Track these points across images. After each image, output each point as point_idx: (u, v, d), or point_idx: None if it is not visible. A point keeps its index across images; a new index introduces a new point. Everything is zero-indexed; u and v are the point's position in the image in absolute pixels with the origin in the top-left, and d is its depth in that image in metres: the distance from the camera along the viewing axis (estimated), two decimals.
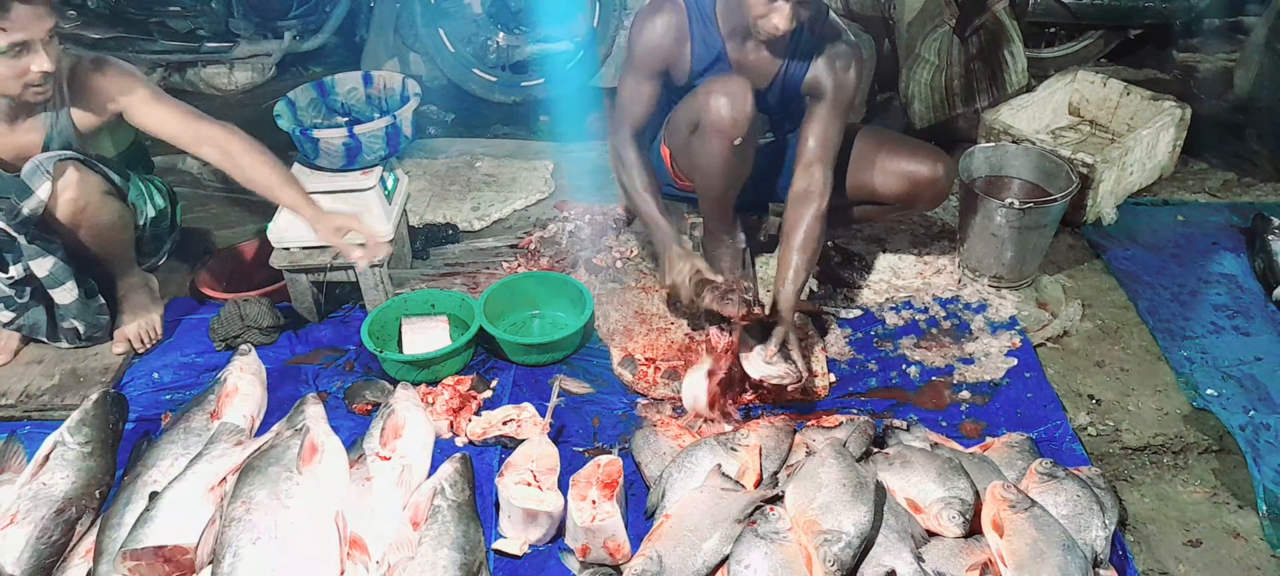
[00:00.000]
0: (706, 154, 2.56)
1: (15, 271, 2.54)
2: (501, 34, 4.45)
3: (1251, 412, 2.49)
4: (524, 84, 4.51)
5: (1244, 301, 2.94)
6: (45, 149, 2.53)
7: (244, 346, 2.60)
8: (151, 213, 2.81)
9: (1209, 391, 2.57)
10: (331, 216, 2.63)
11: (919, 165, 2.75)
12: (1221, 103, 4.13)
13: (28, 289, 2.61)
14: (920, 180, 2.75)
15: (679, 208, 2.91)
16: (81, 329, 2.72)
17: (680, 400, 2.55)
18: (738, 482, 2.10)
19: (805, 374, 2.45)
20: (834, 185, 2.65)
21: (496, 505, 2.18)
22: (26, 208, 2.46)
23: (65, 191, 2.48)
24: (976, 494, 2.03)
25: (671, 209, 2.76)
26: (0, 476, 2.23)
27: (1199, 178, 3.65)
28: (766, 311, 2.54)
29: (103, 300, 2.77)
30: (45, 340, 2.74)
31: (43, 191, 2.45)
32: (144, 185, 2.81)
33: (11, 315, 2.64)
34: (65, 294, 2.63)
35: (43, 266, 2.56)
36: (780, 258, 2.60)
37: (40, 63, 2.33)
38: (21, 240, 2.49)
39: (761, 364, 2.43)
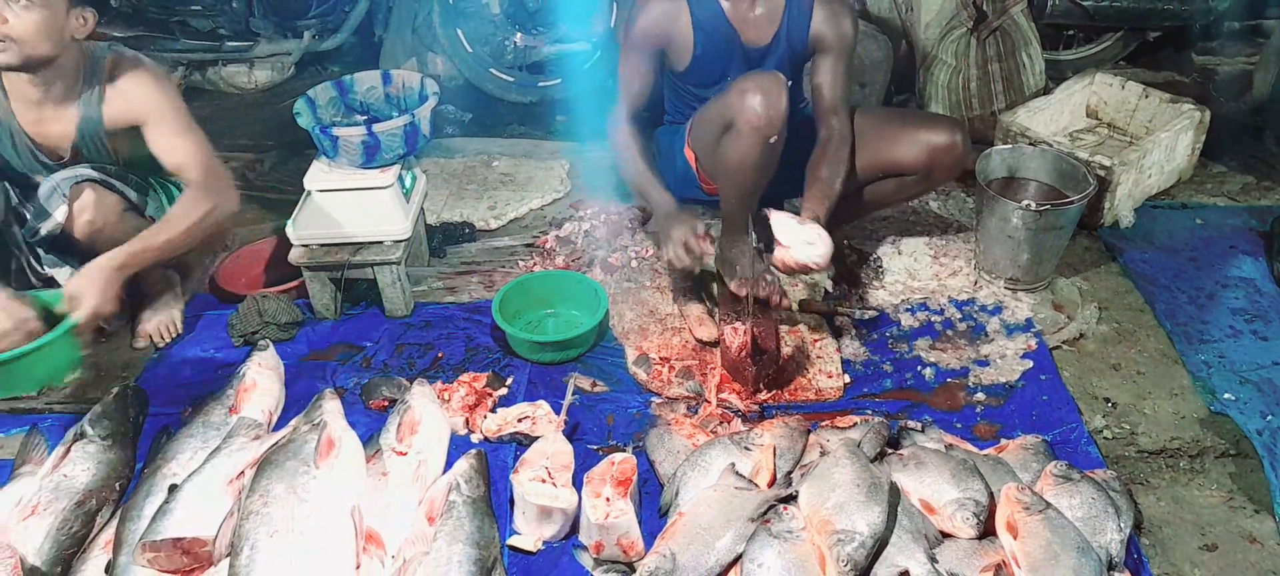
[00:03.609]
0: (738, 152, 2.56)
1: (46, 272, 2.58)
2: (519, 34, 4.46)
3: (1269, 417, 2.47)
4: (541, 84, 4.52)
5: (1262, 305, 2.92)
6: (78, 141, 2.53)
7: (262, 342, 2.63)
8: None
9: (1226, 395, 2.56)
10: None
11: (936, 133, 2.75)
12: (1240, 105, 4.10)
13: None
14: (938, 147, 2.74)
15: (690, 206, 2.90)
16: (105, 327, 2.75)
17: (694, 399, 2.56)
18: (751, 482, 2.10)
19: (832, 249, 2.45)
20: (850, 168, 2.72)
21: (511, 501, 2.19)
22: (44, 229, 2.49)
23: (82, 214, 2.52)
24: (990, 495, 2.03)
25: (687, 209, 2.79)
26: (22, 468, 2.27)
27: (1218, 181, 3.62)
28: (787, 302, 2.54)
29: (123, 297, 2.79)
30: None
31: (59, 214, 2.48)
32: (163, 193, 2.82)
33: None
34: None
35: (62, 276, 2.59)
36: (809, 178, 2.65)
37: None
38: (40, 252, 2.52)
39: (794, 226, 2.41)
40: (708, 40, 2.67)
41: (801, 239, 2.41)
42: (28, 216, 2.57)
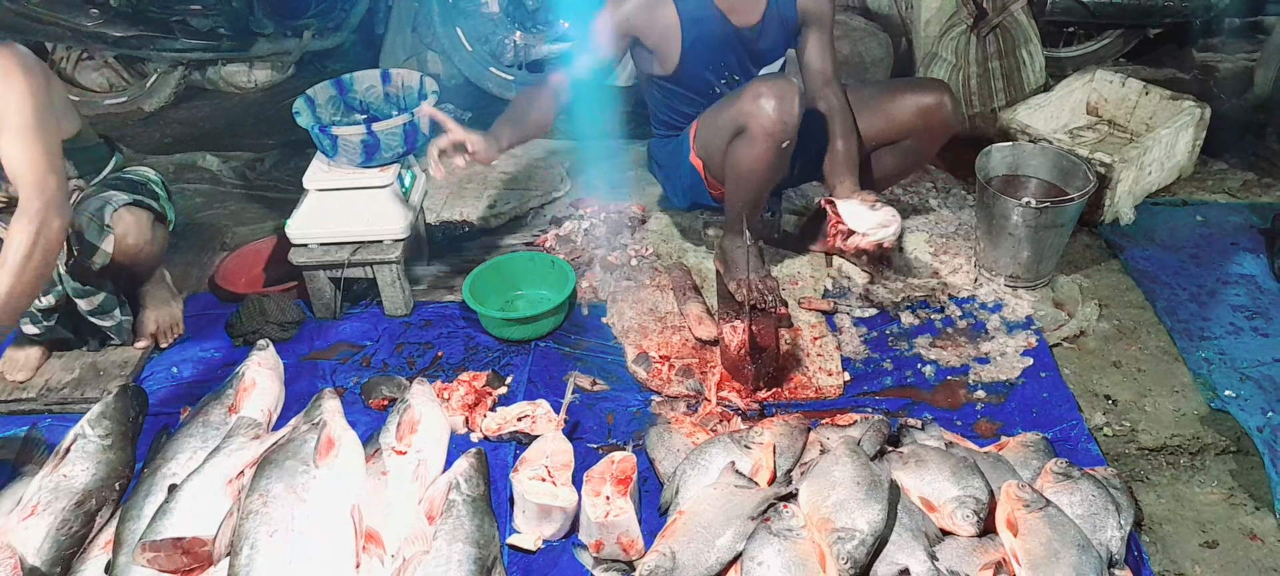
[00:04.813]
0: (751, 158, 2.57)
1: (46, 300, 2.54)
2: (519, 33, 4.46)
3: (1269, 414, 2.47)
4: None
5: (1263, 302, 2.91)
6: None
7: (262, 341, 2.62)
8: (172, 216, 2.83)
9: (1227, 392, 2.56)
10: None
11: (923, 95, 2.82)
12: (1241, 102, 4.09)
13: (56, 315, 2.62)
14: (927, 108, 2.80)
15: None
16: (115, 339, 2.75)
17: (694, 397, 2.56)
18: (751, 480, 2.10)
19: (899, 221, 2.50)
20: (859, 134, 2.79)
21: (511, 500, 2.19)
22: (98, 263, 2.49)
23: (126, 238, 2.52)
24: (991, 493, 2.02)
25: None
26: (22, 468, 2.27)
27: (1218, 178, 3.62)
28: (785, 309, 2.55)
29: (126, 300, 2.78)
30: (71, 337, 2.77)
31: (108, 244, 2.48)
32: (163, 193, 2.81)
33: (37, 331, 2.64)
34: (111, 320, 2.68)
35: (92, 302, 2.59)
36: (829, 155, 2.71)
37: None
38: (72, 285, 2.52)
39: (865, 212, 2.46)
40: (698, 30, 2.68)
41: (876, 222, 2.46)
42: None
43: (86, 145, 2.63)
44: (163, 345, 2.83)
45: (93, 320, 2.66)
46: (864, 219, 2.45)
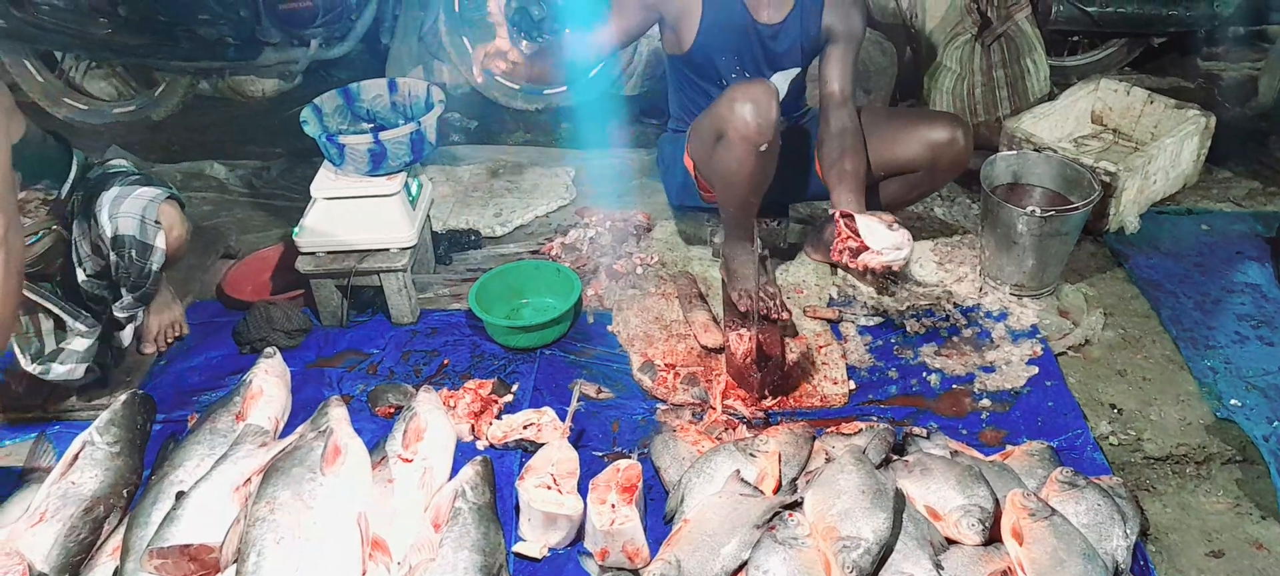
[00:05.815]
0: (731, 161, 2.58)
1: (82, 344, 2.53)
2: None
3: (1275, 423, 2.47)
4: (546, 92, 4.53)
5: (1269, 311, 2.91)
6: None
7: (269, 349, 2.63)
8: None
9: (1232, 401, 2.55)
10: None
11: (937, 130, 2.79)
12: (1246, 111, 4.10)
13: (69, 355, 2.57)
14: (939, 143, 2.78)
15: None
16: (129, 342, 2.75)
17: (699, 406, 2.56)
18: (757, 488, 2.10)
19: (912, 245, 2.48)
20: (867, 157, 2.77)
21: (516, 508, 2.19)
22: (154, 264, 2.50)
23: (173, 231, 2.54)
24: (996, 502, 2.02)
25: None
26: (30, 475, 2.27)
27: (1223, 186, 3.62)
28: (788, 315, 2.55)
29: None
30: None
31: (161, 242, 2.49)
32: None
33: (41, 368, 2.53)
34: (139, 317, 2.70)
35: (125, 312, 2.61)
36: (837, 174, 2.67)
37: None
38: (128, 300, 2.54)
39: (882, 231, 2.44)
40: (717, 13, 2.69)
41: (891, 243, 2.43)
42: (85, 261, 2.49)
43: (40, 148, 2.44)
44: (161, 347, 2.83)
45: (127, 320, 2.66)
46: (880, 237, 2.43)
